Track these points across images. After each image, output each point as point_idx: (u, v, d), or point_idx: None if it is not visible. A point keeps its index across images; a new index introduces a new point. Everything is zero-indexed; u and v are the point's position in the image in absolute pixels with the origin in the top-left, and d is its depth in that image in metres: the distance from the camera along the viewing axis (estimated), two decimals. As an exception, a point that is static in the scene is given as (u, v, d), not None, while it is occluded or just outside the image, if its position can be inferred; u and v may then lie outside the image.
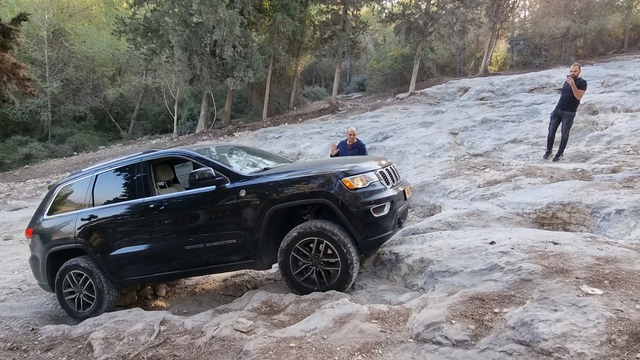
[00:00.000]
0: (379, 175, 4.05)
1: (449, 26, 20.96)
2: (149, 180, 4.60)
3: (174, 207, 4.37)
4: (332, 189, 3.79)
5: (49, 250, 5.02)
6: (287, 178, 3.98)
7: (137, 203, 4.54)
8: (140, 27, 20.38)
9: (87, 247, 4.77)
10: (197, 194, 4.24)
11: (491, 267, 3.38)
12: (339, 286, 3.86)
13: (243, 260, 4.22)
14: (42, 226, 5.22)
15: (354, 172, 3.88)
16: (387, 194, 3.93)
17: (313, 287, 3.94)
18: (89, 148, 24.83)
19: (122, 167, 4.82)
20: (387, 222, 3.91)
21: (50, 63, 26.08)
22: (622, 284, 2.75)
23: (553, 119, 8.28)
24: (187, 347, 3.24)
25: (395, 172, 4.51)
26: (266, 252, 4.14)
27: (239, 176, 4.15)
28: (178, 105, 25.24)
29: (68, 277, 4.87)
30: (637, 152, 7.90)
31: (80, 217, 4.85)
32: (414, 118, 15.74)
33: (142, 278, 4.72)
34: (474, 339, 2.55)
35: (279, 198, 3.93)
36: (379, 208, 3.82)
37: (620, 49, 25.17)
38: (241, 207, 4.05)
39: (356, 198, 3.77)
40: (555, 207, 5.18)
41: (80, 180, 5.12)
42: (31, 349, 3.74)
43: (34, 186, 16.65)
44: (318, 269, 3.92)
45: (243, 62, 19.73)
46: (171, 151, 4.73)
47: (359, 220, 3.78)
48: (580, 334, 2.30)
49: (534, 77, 17.97)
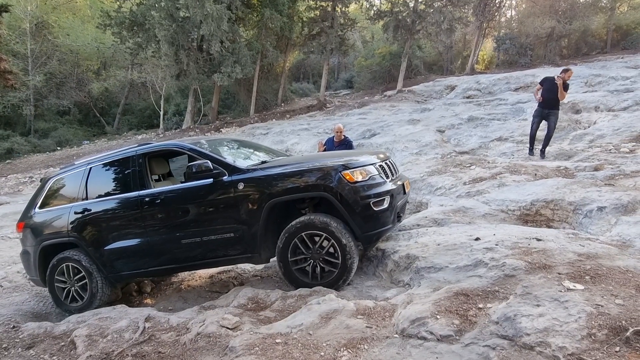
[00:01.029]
0: (379, 169, 4.02)
1: (437, 24, 21.11)
2: (144, 173, 4.51)
3: (171, 201, 4.28)
4: (332, 182, 3.76)
5: (41, 244, 4.91)
6: (286, 171, 3.92)
7: (133, 196, 4.45)
8: (125, 20, 20.06)
9: (80, 241, 4.67)
10: (193, 187, 4.17)
11: (476, 263, 3.42)
12: (331, 284, 3.83)
13: (241, 255, 4.17)
14: (33, 220, 5.10)
15: (353, 165, 3.84)
16: (386, 188, 3.90)
17: (304, 279, 3.92)
18: (72, 143, 24.38)
19: (117, 159, 4.71)
20: (387, 216, 3.88)
21: (33, 56, 25.49)
22: (603, 279, 2.81)
23: (536, 117, 8.38)
24: (172, 343, 3.22)
25: (393, 166, 4.47)
26: (264, 246, 4.08)
27: (236, 169, 4.09)
28: (164, 101, 24.92)
29: (64, 267, 4.76)
30: (618, 150, 8.06)
31: (73, 210, 4.74)
32: (402, 115, 15.82)
33: (137, 272, 4.63)
34: (458, 334, 2.58)
35: (277, 191, 3.88)
36: (378, 202, 3.79)
37: (603, 50, 25.63)
38: (239, 200, 3.99)
39: (356, 191, 3.74)
40: (539, 204, 5.26)
41: (73, 173, 5.00)
42: (12, 347, 3.66)
43: (16, 181, 16.31)
44: (316, 263, 3.89)
45: (230, 58, 19.57)
46: (167, 144, 4.64)
47: (358, 213, 3.74)
48: (562, 328, 2.34)
49: (520, 76, 18.22)
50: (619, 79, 14.78)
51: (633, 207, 4.46)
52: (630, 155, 7.38)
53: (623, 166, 6.43)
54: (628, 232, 3.93)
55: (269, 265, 5.26)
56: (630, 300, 2.50)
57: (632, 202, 4.52)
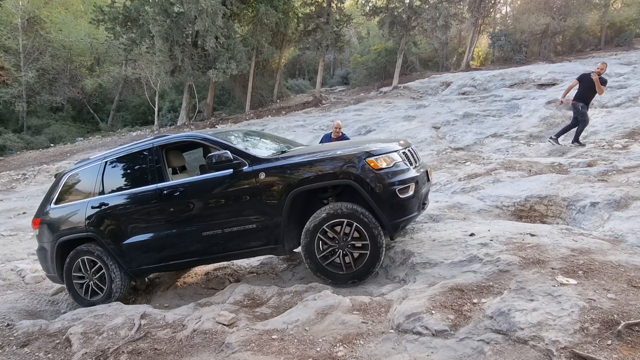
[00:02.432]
0: (402, 156, 3.91)
1: (432, 21, 21.13)
2: (162, 165, 4.45)
3: (190, 193, 4.20)
4: (357, 169, 3.66)
5: (58, 240, 4.85)
6: (309, 159, 3.82)
7: (151, 189, 4.38)
8: (119, 16, 19.92)
9: (98, 235, 4.61)
10: (213, 178, 4.09)
11: (470, 258, 3.44)
12: (365, 271, 3.75)
13: (264, 246, 4.07)
14: (49, 216, 5.03)
15: (377, 153, 3.74)
16: (411, 175, 3.79)
17: (338, 271, 3.82)
18: (66, 140, 24.22)
19: (133, 152, 4.65)
20: (413, 203, 3.78)
21: (25, 52, 25.25)
22: (596, 274, 2.84)
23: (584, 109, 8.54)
24: (168, 340, 3.22)
25: (415, 154, 4.33)
26: (287, 237, 3.99)
27: (257, 159, 4.00)
28: (159, 97, 24.79)
29: (80, 261, 4.72)
30: (611, 146, 8.13)
31: (90, 205, 4.69)
32: (397, 112, 15.84)
33: (157, 267, 4.58)
34: (453, 328, 2.60)
35: (301, 180, 3.77)
36: (404, 189, 3.69)
37: (597, 46, 25.77)
38: (261, 190, 3.90)
39: (381, 179, 3.64)
40: (533, 200, 5.29)
41: (88, 167, 4.96)
42: (6, 345, 3.65)
43: (9, 179, 16.19)
44: (345, 252, 3.78)
45: (225, 54, 19.49)
46: (185, 135, 4.56)
47: (385, 201, 3.64)
48: (555, 322, 2.36)
49: (514, 72, 18.28)
50: (613, 76, 14.85)
51: (626, 202, 4.50)
52: (623, 152, 7.44)
53: (616, 162, 6.48)
54: (620, 227, 3.96)
55: (265, 262, 5.27)
56: (622, 294, 2.53)
57: (624, 198, 4.57)
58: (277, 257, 5.21)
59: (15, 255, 7.27)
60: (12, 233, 9.00)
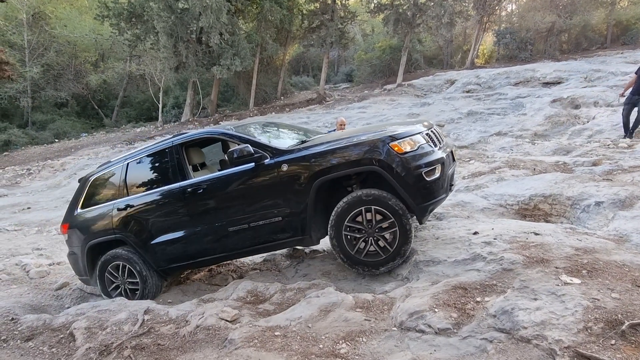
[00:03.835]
0: (426, 137, 3.83)
1: (437, 18, 21.02)
2: (183, 163, 4.46)
3: (214, 189, 4.21)
4: (381, 155, 3.60)
5: (88, 243, 4.88)
6: (331, 147, 3.77)
7: (174, 188, 4.39)
8: (124, 11, 19.90)
9: (126, 237, 4.64)
10: (235, 172, 4.09)
11: (474, 257, 3.44)
12: (397, 251, 3.72)
13: (291, 238, 4.05)
14: (77, 220, 5.06)
15: (401, 136, 3.67)
16: (436, 156, 3.72)
17: (377, 258, 3.79)
18: (71, 135, 24.31)
19: (154, 152, 4.67)
20: (440, 186, 3.72)
21: (30, 47, 25.31)
22: (600, 273, 2.83)
23: (627, 105, 8.61)
24: (172, 336, 3.23)
25: (439, 135, 4.25)
26: (314, 228, 3.96)
27: (278, 151, 3.97)
28: (163, 93, 24.83)
29: (110, 268, 4.75)
30: (617, 146, 8.07)
31: (116, 207, 4.72)
32: (401, 109, 15.81)
33: (187, 264, 4.59)
34: (456, 327, 2.60)
35: (324, 169, 3.73)
36: (430, 171, 3.63)
37: (603, 45, 25.57)
38: (284, 182, 3.87)
39: (407, 162, 3.57)
40: (537, 199, 5.27)
41: (110, 170, 4.99)
42: (11, 339, 3.68)
43: (14, 174, 16.28)
44: (376, 237, 3.74)
45: (230, 50, 19.47)
46: (205, 131, 4.58)
47: (411, 185, 3.58)
48: (559, 321, 2.36)
49: (520, 70, 18.17)
50: (619, 75, 14.74)
51: (630, 202, 4.48)
52: (628, 151, 7.39)
53: (621, 161, 6.44)
54: (625, 226, 3.94)
55: (268, 259, 5.28)
56: (627, 294, 2.52)
57: (629, 197, 4.54)
58: (280, 254, 5.22)
59: (19, 250, 7.32)
60: (16, 228, 9.05)
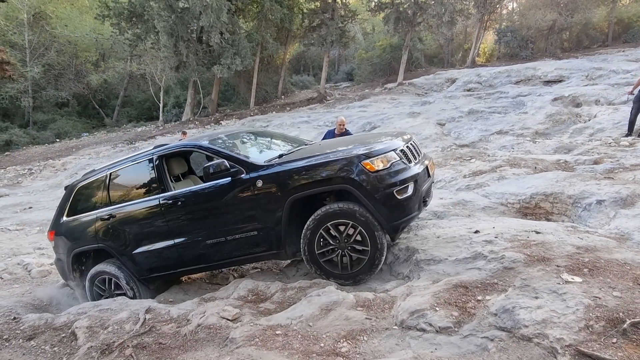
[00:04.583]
0: (400, 154, 3.81)
1: (438, 16, 21.01)
2: (163, 175, 4.48)
3: (191, 202, 4.25)
4: (352, 173, 3.60)
5: (72, 252, 4.93)
6: (304, 165, 3.78)
7: (153, 199, 4.44)
8: (124, 11, 19.92)
9: (109, 246, 4.68)
10: (212, 187, 4.13)
11: (475, 255, 3.43)
12: (364, 272, 3.73)
13: (267, 251, 4.10)
14: (62, 228, 5.09)
15: (374, 154, 3.66)
16: (409, 174, 3.71)
17: (334, 270, 3.81)
18: (72, 135, 24.34)
19: (134, 163, 4.69)
20: (412, 203, 3.71)
21: (30, 47, 25.36)
22: (601, 272, 2.82)
23: (637, 103, 8.54)
24: (173, 335, 3.24)
25: (416, 148, 4.25)
26: (289, 242, 3.99)
27: (254, 166, 3.99)
28: (164, 93, 24.85)
29: (97, 284, 4.79)
30: (618, 144, 8.06)
31: (99, 216, 4.75)
32: (402, 108, 15.79)
33: (167, 274, 4.65)
34: (457, 325, 2.60)
35: (297, 186, 3.77)
36: (402, 189, 3.61)
37: (604, 43, 25.50)
38: (259, 198, 3.90)
39: (378, 181, 3.57)
40: (538, 198, 5.26)
41: (94, 179, 5.00)
42: (13, 338, 3.68)
43: (15, 173, 16.31)
44: (345, 253, 3.75)
45: (230, 50, 19.48)
46: (183, 144, 4.62)
47: (382, 203, 3.57)
48: (560, 320, 2.36)
49: (520, 69, 18.14)
50: (620, 73, 14.71)
51: (632, 200, 4.47)
52: (629, 149, 7.38)
53: (622, 160, 6.43)
54: (627, 225, 3.94)
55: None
56: (628, 292, 2.52)
57: (631, 196, 4.53)
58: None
59: (21, 249, 7.34)
60: (18, 228, 9.07)
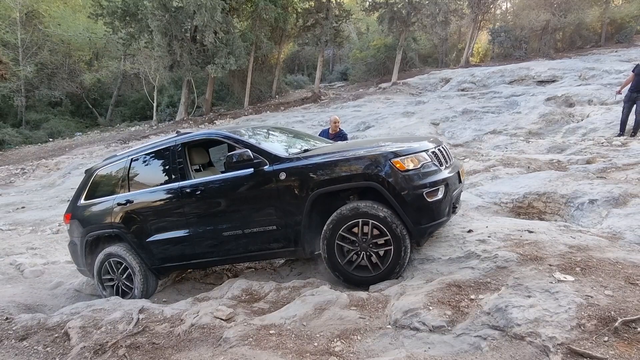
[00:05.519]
0: (432, 156, 3.67)
1: (432, 16, 21.07)
2: (185, 163, 4.43)
3: (211, 191, 4.16)
4: (381, 171, 3.45)
5: (87, 235, 4.90)
6: (331, 160, 3.65)
7: (173, 187, 4.37)
8: (118, 10, 19.80)
9: (124, 232, 4.63)
10: (234, 177, 4.03)
11: (468, 255, 3.45)
12: (391, 270, 3.54)
13: (284, 248, 3.98)
14: (79, 211, 5.08)
15: (404, 153, 3.52)
16: (441, 176, 3.55)
17: (354, 271, 3.65)
18: (65, 134, 24.15)
19: (156, 150, 4.65)
20: (442, 207, 3.54)
21: (23, 46, 25.12)
22: (593, 271, 2.84)
23: (627, 102, 8.55)
24: (167, 335, 3.22)
25: (447, 153, 4.09)
26: (308, 240, 3.86)
27: (278, 158, 3.87)
28: (158, 92, 24.71)
29: (107, 264, 4.76)
30: (610, 143, 8.12)
31: (116, 202, 4.71)
32: (396, 108, 15.82)
33: (180, 265, 4.57)
34: (450, 324, 2.61)
35: (321, 182, 3.62)
36: (432, 192, 3.46)
37: (597, 43, 25.66)
38: (281, 191, 3.79)
39: (408, 181, 3.42)
40: (531, 197, 5.30)
41: (115, 164, 4.99)
42: (5, 338, 3.65)
43: (8, 173, 16.15)
44: (368, 252, 3.58)
45: (224, 49, 19.42)
46: (207, 132, 4.53)
47: (410, 205, 3.42)
48: (552, 319, 2.37)
49: (514, 69, 18.24)
50: (613, 73, 14.83)
51: (624, 199, 4.51)
52: (622, 149, 7.44)
53: (615, 159, 6.48)
54: (619, 224, 3.97)
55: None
56: (620, 291, 2.54)
57: (623, 195, 4.57)
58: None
59: (14, 249, 7.28)
60: (11, 227, 8.99)
